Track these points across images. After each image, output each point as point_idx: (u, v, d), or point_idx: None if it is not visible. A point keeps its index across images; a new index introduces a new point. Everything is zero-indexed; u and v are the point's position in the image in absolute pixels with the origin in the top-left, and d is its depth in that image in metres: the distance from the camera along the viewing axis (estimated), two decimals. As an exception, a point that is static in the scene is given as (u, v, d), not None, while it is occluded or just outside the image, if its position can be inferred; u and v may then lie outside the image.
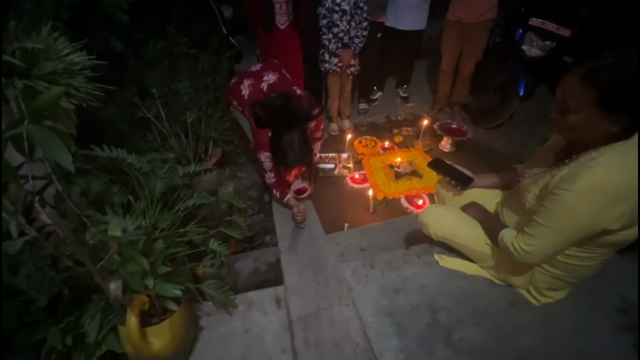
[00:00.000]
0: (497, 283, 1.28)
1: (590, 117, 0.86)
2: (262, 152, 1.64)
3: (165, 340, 0.98)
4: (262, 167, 1.73)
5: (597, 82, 0.82)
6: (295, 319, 1.16)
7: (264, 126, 1.53)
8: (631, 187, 0.84)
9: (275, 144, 1.52)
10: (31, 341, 0.85)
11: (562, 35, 2.43)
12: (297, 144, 1.48)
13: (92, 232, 0.85)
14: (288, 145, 1.48)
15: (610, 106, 0.82)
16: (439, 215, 1.36)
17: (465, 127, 2.82)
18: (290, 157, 1.50)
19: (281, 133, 1.49)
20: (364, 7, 2.38)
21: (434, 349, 1.09)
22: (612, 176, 0.85)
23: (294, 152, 1.49)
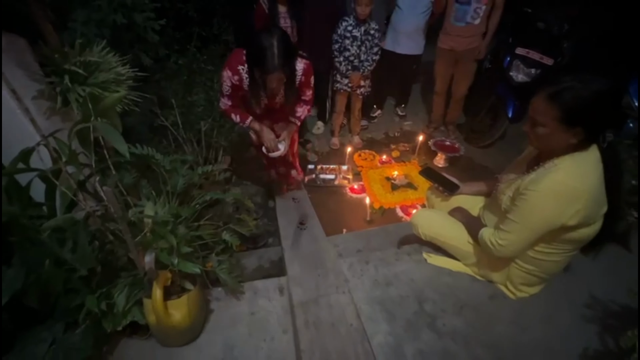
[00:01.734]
0: (478, 279, 1.42)
1: (554, 129, 1.03)
2: (227, 70, 1.48)
3: (183, 314, 1.11)
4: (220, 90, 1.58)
5: (559, 101, 0.99)
6: (297, 304, 1.30)
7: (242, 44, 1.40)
8: (584, 189, 1.02)
9: (251, 47, 1.36)
10: (71, 305, 0.99)
11: (546, 63, 2.66)
12: (276, 42, 1.30)
13: (133, 210, 1.01)
14: (267, 42, 1.29)
15: (569, 121, 1.00)
16: (428, 218, 1.52)
17: (458, 144, 3.02)
18: (267, 57, 1.30)
19: (259, 34, 1.33)
20: (375, 34, 2.58)
21: (419, 333, 1.22)
22: (569, 179, 1.02)
23: (272, 50, 1.29)
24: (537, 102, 1.05)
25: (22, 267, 0.85)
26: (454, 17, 2.64)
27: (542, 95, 1.04)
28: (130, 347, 1.21)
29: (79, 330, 1.01)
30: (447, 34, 2.78)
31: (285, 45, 1.33)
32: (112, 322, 1.07)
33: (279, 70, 1.36)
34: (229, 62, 1.47)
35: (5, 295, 0.80)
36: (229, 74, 1.48)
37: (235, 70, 1.47)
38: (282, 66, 1.36)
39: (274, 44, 1.30)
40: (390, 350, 1.17)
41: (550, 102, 1.01)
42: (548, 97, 1.02)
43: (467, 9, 2.56)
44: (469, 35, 2.67)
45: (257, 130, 1.69)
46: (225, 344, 1.21)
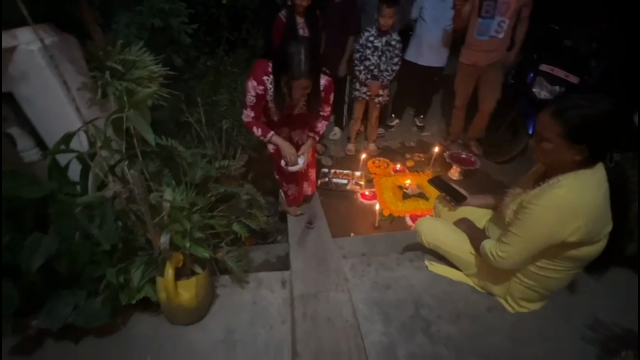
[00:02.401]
0: (478, 290, 1.43)
1: (558, 146, 1.05)
2: (251, 80, 1.48)
3: (191, 294, 1.21)
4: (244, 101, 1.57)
5: (564, 118, 1.01)
6: (297, 297, 1.36)
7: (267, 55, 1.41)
8: (585, 206, 1.02)
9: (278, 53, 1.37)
10: (94, 275, 1.11)
11: (571, 81, 2.61)
12: (304, 49, 1.32)
13: (154, 194, 1.11)
14: (294, 48, 1.32)
15: (573, 138, 1.01)
16: (432, 226, 1.54)
17: (474, 157, 2.99)
18: (294, 63, 1.32)
19: (287, 40, 1.36)
20: (397, 45, 2.64)
21: (413, 336, 1.25)
22: (570, 195, 1.03)
23: (299, 57, 1.31)
24: (544, 118, 1.07)
25: (57, 236, 0.97)
26: (476, 32, 2.58)
27: (548, 111, 1.06)
28: (141, 322, 1.31)
29: (98, 298, 1.12)
30: (470, 48, 2.72)
31: (312, 52, 1.35)
32: (127, 295, 1.18)
33: (306, 76, 1.37)
34: (254, 72, 1.48)
35: (40, 258, 0.92)
36: (254, 84, 1.49)
37: (260, 81, 1.48)
38: (308, 73, 1.37)
39: (302, 51, 1.32)
40: (383, 349, 1.20)
41: (555, 119, 1.03)
42: (554, 113, 1.04)
43: (490, 23, 2.50)
44: (492, 50, 2.61)
45: (279, 145, 1.69)
46: (227, 328, 1.29)
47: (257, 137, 1.70)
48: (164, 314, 1.28)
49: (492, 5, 2.44)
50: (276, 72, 1.43)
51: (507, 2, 2.40)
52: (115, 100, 1.10)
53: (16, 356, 1.19)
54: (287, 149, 1.70)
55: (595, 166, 1.06)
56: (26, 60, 0.97)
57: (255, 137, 2.68)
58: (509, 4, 2.40)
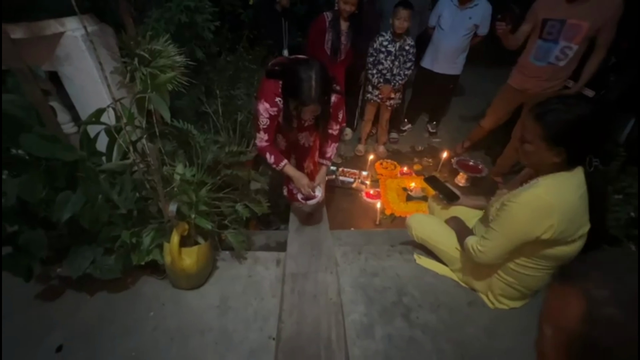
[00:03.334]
0: (461, 285, 1.48)
1: (538, 147, 1.10)
2: (263, 103, 1.42)
3: (193, 261, 1.34)
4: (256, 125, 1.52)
5: (543, 121, 1.07)
6: (288, 275, 1.47)
7: (276, 76, 1.38)
8: (559, 206, 1.08)
9: (289, 78, 1.34)
10: (110, 235, 1.26)
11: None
12: (314, 75, 1.28)
13: (167, 168, 1.26)
14: (304, 72, 1.28)
15: (552, 141, 1.07)
16: (422, 221, 1.62)
17: (482, 165, 3.00)
18: (304, 89, 1.28)
19: (298, 64, 1.32)
20: (410, 49, 2.70)
21: (392, 320, 1.33)
22: (545, 195, 1.09)
23: (310, 83, 1.28)
24: (526, 120, 1.13)
25: (83, 196, 1.13)
26: (533, 55, 2.17)
27: (530, 115, 1.11)
28: (148, 283, 1.47)
29: (113, 256, 1.28)
30: (522, 72, 2.33)
31: (323, 77, 1.32)
32: (138, 256, 1.33)
33: (316, 102, 1.35)
34: (265, 94, 1.42)
35: (68, 211, 1.08)
36: (266, 106, 1.43)
37: (273, 102, 1.43)
38: (319, 98, 1.34)
39: (313, 77, 1.28)
40: (362, 328, 1.29)
41: (536, 122, 1.09)
42: (535, 116, 1.09)
43: (551, 47, 2.07)
44: (547, 78, 2.17)
45: (291, 176, 1.62)
46: (222, 296, 1.42)
47: (269, 164, 1.60)
48: (168, 278, 1.43)
49: (557, 27, 2.00)
50: (286, 95, 1.40)
51: (578, 25, 1.92)
52: (140, 84, 1.26)
53: (40, 302, 1.37)
54: (302, 180, 1.62)
55: (575, 169, 1.11)
56: (71, 44, 1.14)
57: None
58: (580, 28, 1.92)
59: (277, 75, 1.38)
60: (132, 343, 1.23)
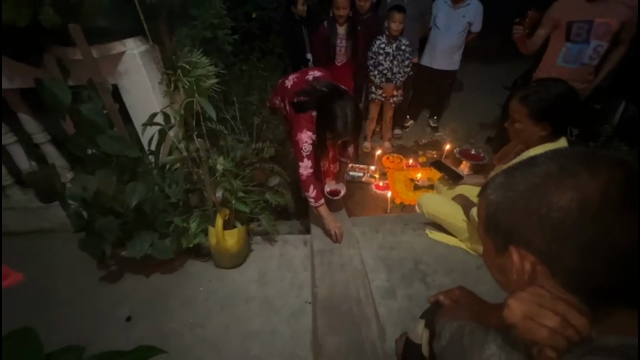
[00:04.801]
0: (470, 253, 1.67)
1: (527, 125, 1.31)
2: (305, 132, 1.50)
3: (234, 241, 1.55)
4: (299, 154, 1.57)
5: (527, 102, 1.28)
6: (316, 251, 1.67)
7: (307, 109, 1.47)
8: None
9: (325, 113, 1.42)
10: (165, 221, 1.48)
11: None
12: (349, 111, 1.38)
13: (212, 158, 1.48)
14: (340, 110, 1.37)
15: (536, 117, 1.27)
16: (431, 199, 1.81)
17: (483, 153, 3.19)
18: (340, 124, 1.38)
19: (333, 99, 1.40)
20: (406, 49, 2.92)
21: (411, 283, 1.52)
22: None
23: (345, 117, 1.37)
24: (513, 103, 1.33)
25: (145, 186, 1.34)
26: (563, 59, 2.10)
27: (516, 98, 1.32)
28: (193, 265, 1.67)
29: (167, 239, 1.49)
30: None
31: (356, 112, 1.42)
32: (187, 239, 1.54)
33: (351, 134, 1.48)
34: (304, 125, 1.51)
35: (136, 198, 1.29)
36: (309, 134, 1.50)
37: (313, 130, 1.51)
38: (352, 131, 1.45)
39: (348, 113, 1.39)
40: (385, 291, 1.48)
41: (521, 103, 1.29)
42: (520, 99, 1.30)
43: (583, 48, 2.00)
44: (578, 79, 2.07)
45: (324, 216, 1.67)
46: (260, 272, 1.63)
47: (307, 197, 1.67)
48: (212, 257, 1.64)
49: (585, 28, 1.96)
50: (321, 126, 1.48)
51: (607, 23, 1.91)
52: (184, 92, 1.48)
53: (105, 283, 1.58)
54: (332, 223, 1.68)
55: (559, 140, 1.31)
56: (130, 61, 1.37)
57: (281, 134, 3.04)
58: (609, 26, 1.91)
59: (308, 108, 1.49)
60: (189, 312, 1.43)
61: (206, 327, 1.37)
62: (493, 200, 0.49)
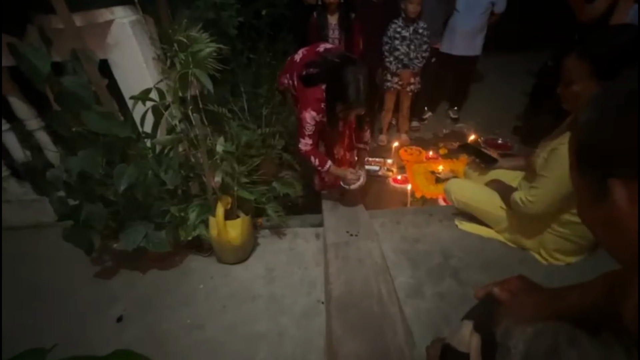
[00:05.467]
0: (509, 245, 1.43)
1: (588, 86, 1.05)
2: (309, 111, 1.41)
3: (237, 232, 1.38)
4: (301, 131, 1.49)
5: (591, 56, 1.02)
6: (330, 244, 1.47)
7: (317, 82, 1.36)
8: None
9: (335, 81, 1.31)
10: (160, 210, 1.33)
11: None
12: (363, 76, 1.28)
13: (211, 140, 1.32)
14: (352, 76, 1.26)
15: (602, 74, 1.01)
16: (461, 184, 1.59)
17: (510, 142, 2.92)
18: (352, 92, 1.27)
19: (344, 67, 1.29)
20: (424, 32, 2.72)
21: (440, 280, 1.30)
22: None
23: (357, 84, 1.26)
24: (569, 62, 1.08)
25: (136, 169, 1.20)
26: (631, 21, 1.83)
27: (574, 55, 1.06)
28: (194, 261, 1.52)
29: (163, 230, 1.34)
30: None
31: (369, 80, 1.32)
32: (185, 231, 1.39)
33: (364, 104, 1.35)
34: (312, 103, 1.42)
35: (125, 182, 1.15)
36: (313, 114, 1.42)
37: (319, 109, 1.42)
38: (365, 101, 1.34)
39: (360, 79, 1.28)
40: (410, 289, 1.27)
41: (582, 58, 1.03)
42: (580, 54, 1.04)
43: None
44: None
45: (337, 174, 1.62)
46: (267, 267, 1.45)
47: (314, 166, 1.62)
48: (214, 252, 1.47)
49: None
50: (331, 99, 1.38)
51: None
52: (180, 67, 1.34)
53: (98, 280, 1.44)
54: (347, 174, 1.62)
55: None
56: (119, 31, 1.24)
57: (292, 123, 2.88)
58: None
59: (318, 80, 1.38)
60: (187, 312, 1.27)
61: (206, 329, 1.20)
62: (586, 121, 0.38)
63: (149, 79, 1.34)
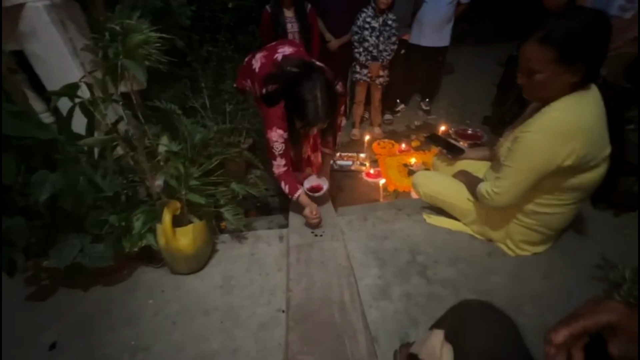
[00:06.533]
0: (477, 237, 1.40)
1: (553, 73, 0.99)
2: (275, 130, 1.35)
3: (189, 240, 1.25)
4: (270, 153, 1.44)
5: (554, 41, 0.95)
6: (292, 246, 1.38)
7: (278, 100, 1.30)
8: (581, 126, 0.98)
9: (292, 99, 1.24)
10: (98, 219, 1.18)
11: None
12: (320, 93, 1.19)
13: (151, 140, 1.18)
14: (308, 92, 1.18)
15: (568, 59, 0.96)
16: (428, 177, 1.53)
17: (480, 132, 2.93)
18: (311, 110, 1.19)
19: (300, 84, 1.21)
20: (393, 24, 2.67)
21: (408, 279, 1.24)
22: (563, 115, 1.00)
23: (315, 100, 1.18)
24: (529, 50, 1.01)
25: (63, 176, 1.05)
26: None
27: (532, 42, 0.99)
28: (144, 273, 1.37)
29: (102, 243, 1.19)
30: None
31: (328, 93, 1.23)
32: (129, 241, 1.24)
33: (323, 121, 1.27)
34: (274, 122, 1.35)
35: (46, 191, 1.00)
36: (279, 132, 1.36)
37: (283, 126, 1.36)
38: (325, 116, 1.25)
39: (318, 96, 1.19)
40: (377, 290, 1.20)
41: (543, 45, 0.97)
42: (539, 41, 0.97)
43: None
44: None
45: (306, 205, 1.50)
46: (225, 276, 1.33)
47: (284, 193, 1.55)
48: (165, 263, 1.34)
49: None
50: (291, 117, 1.32)
51: None
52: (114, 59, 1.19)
53: (31, 303, 1.27)
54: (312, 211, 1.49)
55: (589, 86, 1.03)
56: (34, 16, 1.08)
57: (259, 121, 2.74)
58: None
59: (279, 98, 1.31)
60: (132, 332, 1.13)
61: (152, 350, 1.07)
62: None
63: (78, 72, 1.18)
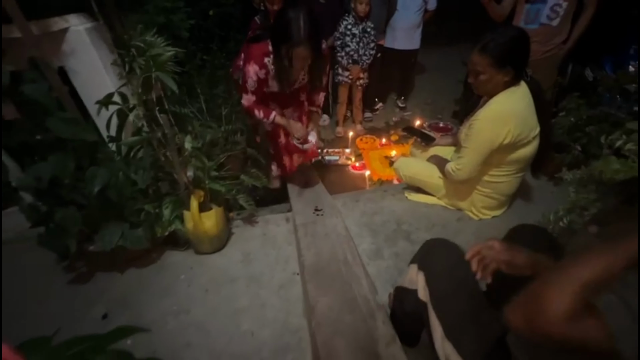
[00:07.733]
0: (449, 208, 1.72)
1: (491, 74, 1.34)
2: (252, 64, 1.41)
3: (212, 222, 1.48)
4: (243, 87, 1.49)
5: (488, 51, 1.31)
6: (299, 225, 1.63)
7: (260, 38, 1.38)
8: (514, 112, 1.32)
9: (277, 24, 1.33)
10: (134, 209, 1.39)
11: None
12: (303, 15, 1.28)
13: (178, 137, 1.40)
14: (293, 14, 1.28)
15: (499, 64, 1.31)
16: (407, 162, 1.84)
17: (451, 125, 3.31)
18: (294, 28, 1.27)
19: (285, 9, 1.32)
20: (371, 32, 2.98)
21: (396, 242, 1.53)
22: (499, 107, 1.34)
23: (298, 22, 1.26)
24: (473, 57, 1.36)
25: (107, 170, 1.25)
26: (524, 20, 2.10)
27: (475, 51, 1.35)
28: (172, 255, 1.59)
29: (139, 229, 1.40)
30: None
31: (311, 18, 1.31)
32: (161, 227, 1.46)
33: (306, 43, 1.32)
34: (254, 56, 1.42)
35: (98, 184, 1.20)
36: (255, 68, 1.42)
37: (262, 64, 1.42)
38: (308, 39, 1.31)
39: (301, 16, 1.28)
40: (372, 253, 1.48)
41: (482, 54, 1.32)
42: (479, 50, 1.33)
43: (540, 7, 2.00)
44: (542, 41, 2.04)
45: (284, 125, 1.61)
46: (243, 252, 1.57)
47: (259, 120, 1.63)
48: (191, 245, 1.56)
49: None
50: (276, 43, 1.38)
51: None
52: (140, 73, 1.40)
53: (75, 285, 1.46)
54: (295, 126, 1.62)
55: (519, 84, 1.37)
56: (75, 39, 1.27)
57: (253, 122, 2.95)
58: None
59: (264, 36, 1.40)
60: (170, 300, 1.35)
61: (191, 312, 1.30)
62: None
63: (110, 84, 1.39)
